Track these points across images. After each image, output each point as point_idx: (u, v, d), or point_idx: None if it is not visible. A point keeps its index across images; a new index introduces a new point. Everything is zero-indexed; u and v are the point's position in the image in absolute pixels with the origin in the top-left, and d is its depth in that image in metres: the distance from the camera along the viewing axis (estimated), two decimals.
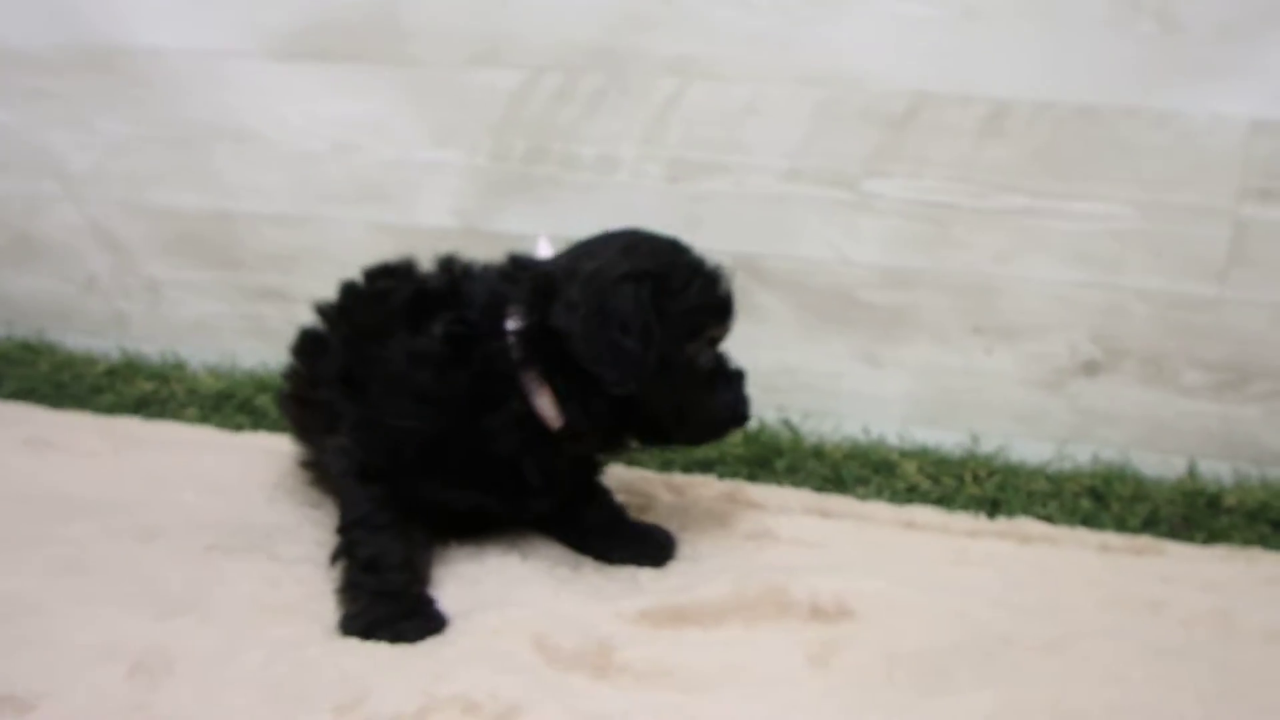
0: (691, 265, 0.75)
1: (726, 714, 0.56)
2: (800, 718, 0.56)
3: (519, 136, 1.07)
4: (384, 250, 0.83)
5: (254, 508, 0.83)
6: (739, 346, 1.09)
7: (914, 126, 1.01)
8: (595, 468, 0.82)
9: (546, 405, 0.71)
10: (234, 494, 0.85)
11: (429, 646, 0.62)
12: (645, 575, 0.75)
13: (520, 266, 0.75)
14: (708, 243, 1.09)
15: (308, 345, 0.83)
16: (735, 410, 0.77)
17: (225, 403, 1.07)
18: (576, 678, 0.60)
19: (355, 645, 0.62)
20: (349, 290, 0.81)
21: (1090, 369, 1.04)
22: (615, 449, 0.79)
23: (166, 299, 1.19)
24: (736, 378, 0.78)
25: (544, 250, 0.78)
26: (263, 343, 1.16)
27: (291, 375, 0.84)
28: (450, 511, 0.74)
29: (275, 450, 0.93)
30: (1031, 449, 1.05)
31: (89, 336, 1.21)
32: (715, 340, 0.77)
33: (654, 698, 0.58)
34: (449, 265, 0.80)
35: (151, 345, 1.19)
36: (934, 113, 1.00)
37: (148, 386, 1.08)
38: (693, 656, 0.62)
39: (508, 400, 0.71)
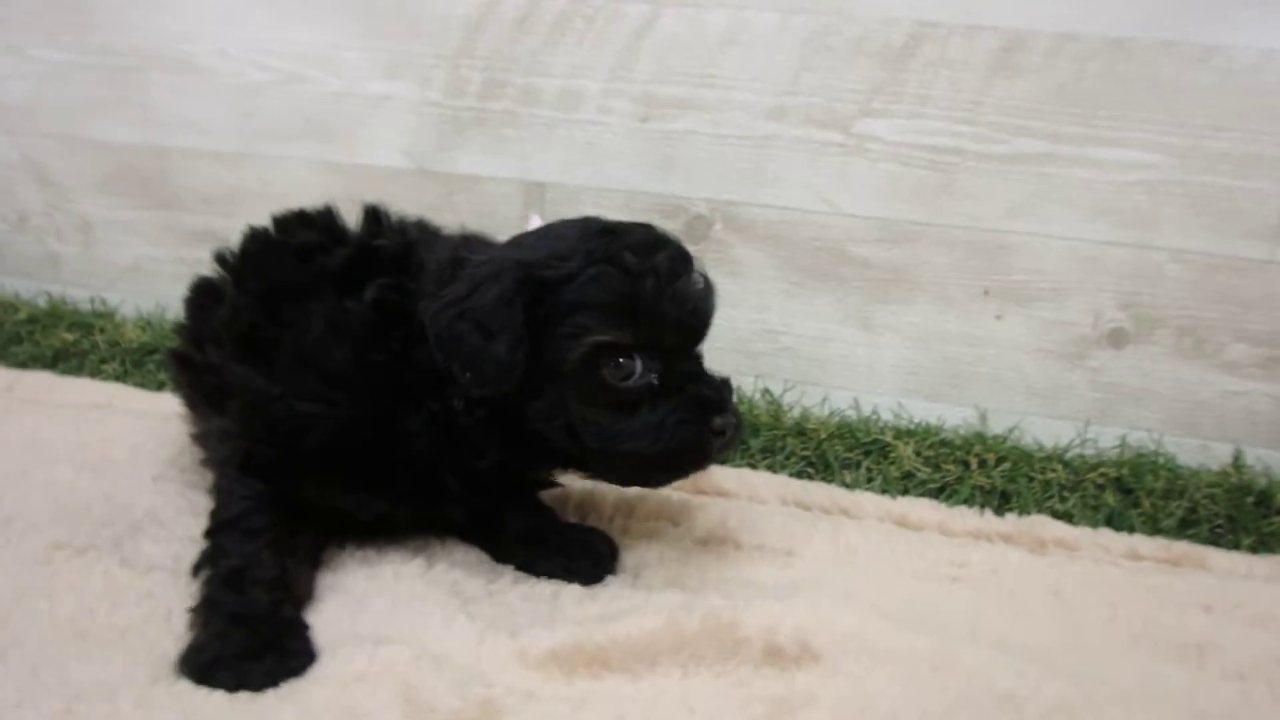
0: (595, 255, 0.60)
1: None
2: None
3: (475, 68, 0.99)
4: (331, 191, 0.76)
5: (135, 488, 0.74)
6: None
7: (914, 60, 0.91)
8: (532, 484, 0.71)
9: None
10: (118, 471, 0.76)
11: (271, 699, 0.51)
12: (569, 595, 0.64)
13: (469, 247, 0.64)
14: (682, 189, 1.01)
15: (202, 297, 0.73)
16: (655, 442, 0.60)
17: (148, 358, 1.00)
18: None
19: (180, 693, 0.51)
20: (259, 238, 0.71)
21: (1117, 339, 0.93)
22: (536, 469, 0.68)
23: (100, 240, 1.13)
24: (690, 404, 0.61)
25: (533, 225, 0.68)
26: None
27: (181, 331, 0.75)
28: (345, 517, 0.65)
29: (184, 416, 0.85)
30: (1048, 430, 0.93)
31: (19, 278, 1.15)
32: (620, 350, 0.60)
33: None
34: (375, 217, 0.70)
35: (82, 289, 1.13)
36: (938, 44, 0.90)
37: (69, 337, 1.01)
38: (610, 715, 0.51)
39: (429, 393, 0.61)
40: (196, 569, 0.60)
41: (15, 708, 0.48)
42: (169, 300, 1.11)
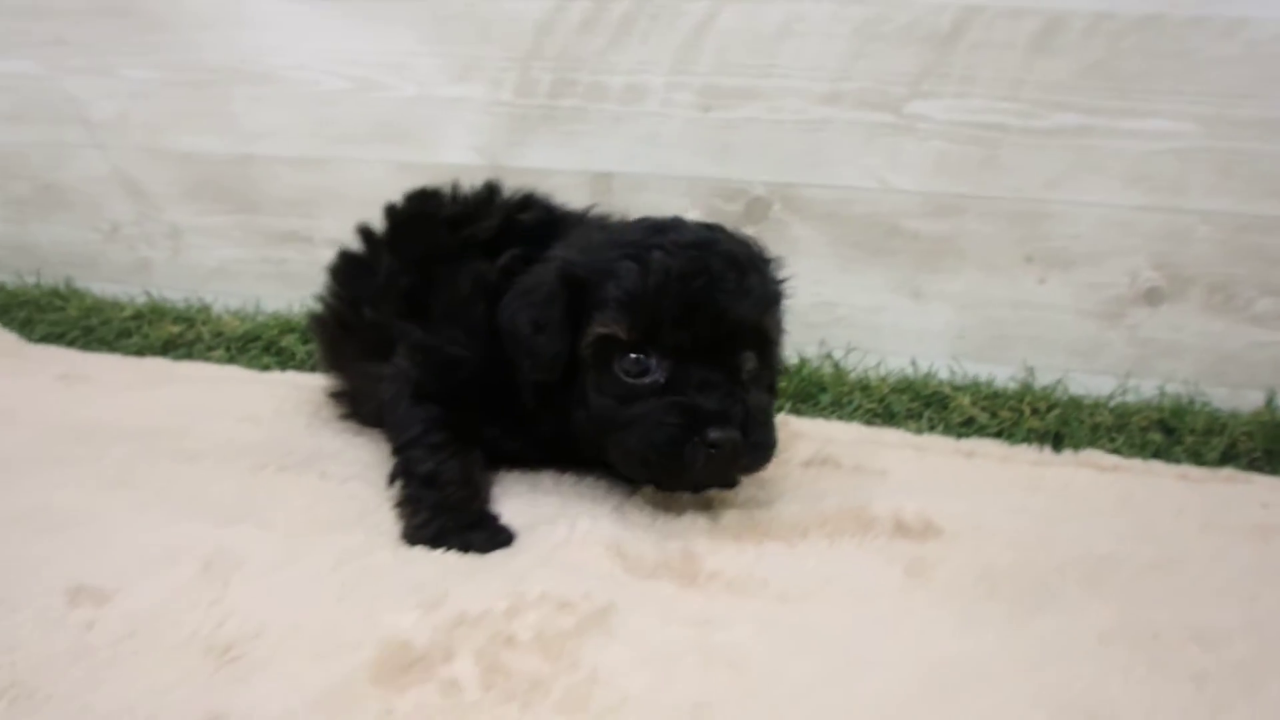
0: (631, 251, 0.63)
1: (834, 624, 0.54)
2: (912, 629, 0.53)
3: (545, 69, 1.06)
4: (406, 190, 0.83)
5: (294, 434, 0.83)
6: None
7: (961, 43, 0.97)
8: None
9: None
10: (272, 422, 0.85)
11: (500, 557, 0.61)
12: (709, 494, 0.72)
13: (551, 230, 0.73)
14: (743, 173, 1.08)
15: (349, 268, 0.82)
16: (646, 437, 0.62)
17: (251, 344, 1.08)
18: (664, 585, 0.58)
19: (424, 554, 0.61)
20: (401, 213, 0.80)
21: (1152, 298, 1.01)
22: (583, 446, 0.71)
23: (188, 245, 1.21)
24: (679, 409, 0.61)
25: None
26: (285, 286, 1.17)
27: (329, 298, 0.84)
28: (494, 448, 0.73)
29: (306, 386, 0.94)
30: (1091, 383, 1.01)
31: (113, 284, 1.23)
32: (626, 345, 0.62)
33: (754, 606, 0.56)
34: (490, 189, 0.80)
35: (175, 292, 1.21)
36: (982, 28, 0.97)
37: (174, 329, 1.09)
38: (783, 568, 0.60)
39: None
40: (392, 478, 0.68)
41: (296, 559, 0.58)
42: (258, 297, 1.19)
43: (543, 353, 0.65)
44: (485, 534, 0.62)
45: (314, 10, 1.09)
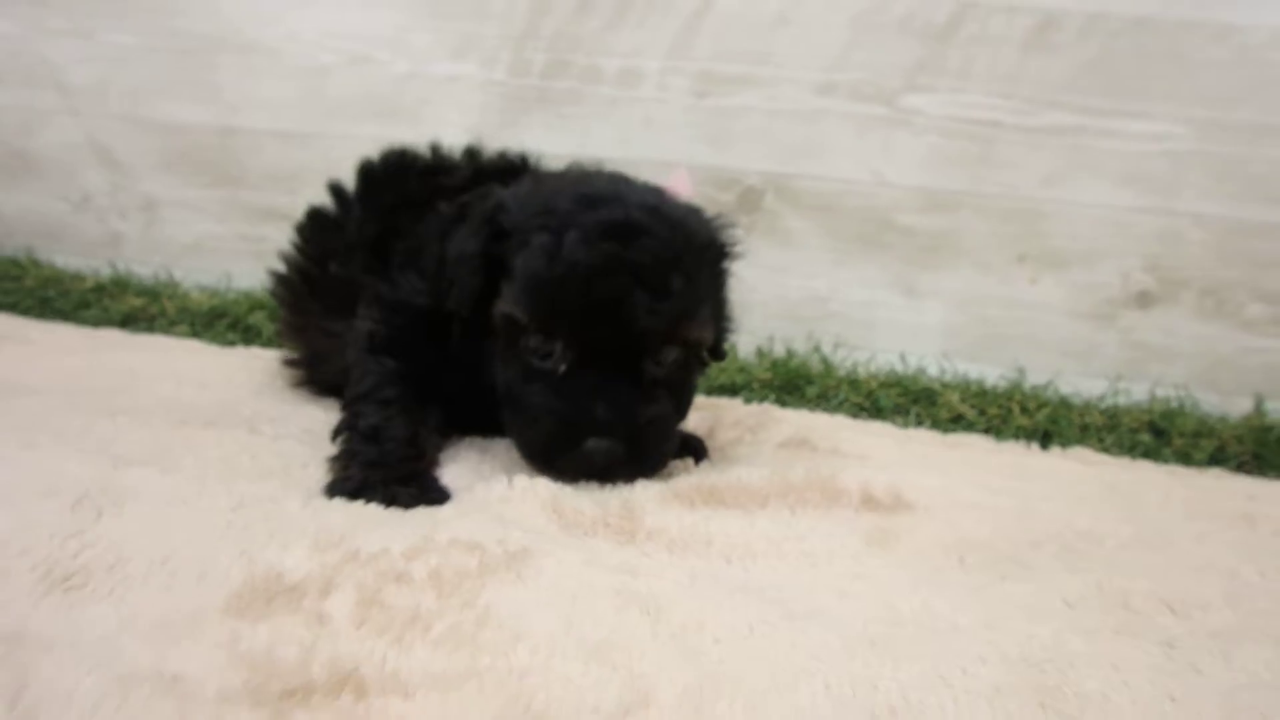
0: (554, 224, 0.60)
1: (778, 582, 0.50)
2: (866, 590, 0.49)
3: (539, 49, 1.07)
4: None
5: (237, 398, 0.79)
6: (765, 272, 1.09)
7: (957, 38, 1.00)
8: None
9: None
10: (218, 388, 0.81)
11: (425, 510, 0.56)
12: (671, 468, 0.67)
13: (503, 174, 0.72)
14: (736, 161, 1.09)
15: (317, 224, 0.82)
16: (530, 429, 0.62)
17: (217, 320, 1.06)
18: (599, 542, 0.54)
19: (341, 505, 0.55)
20: (374, 167, 0.80)
21: (1144, 300, 1.02)
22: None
23: (162, 219, 1.19)
24: (562, 409, 0.60)
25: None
26: (262, 264, 1.13)
27: (295, 256, 0.83)
28: (456, 401, 0.70)
29: (267, 358, 0.92)
30: (1082, 385, 1.02)
31: (80, 257, 1.20)
32: (526, 327, 0.61)
33: (691, 562, 0.51)
34: (471, 152, 0.79)
35: (144, 267, 1.18)
36: (978, 23, 0.99)
37: (136, 303, 1.07)
38: (733, 530, 0.56)
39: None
40: (336, 433, 0.65)
41: (195, 499, 0.53)
42: (231, 275, 1.17)
43: (459, 284, 0.63)
44: (414, 490, 0.57)
45: None
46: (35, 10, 1.15)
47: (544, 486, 0.59)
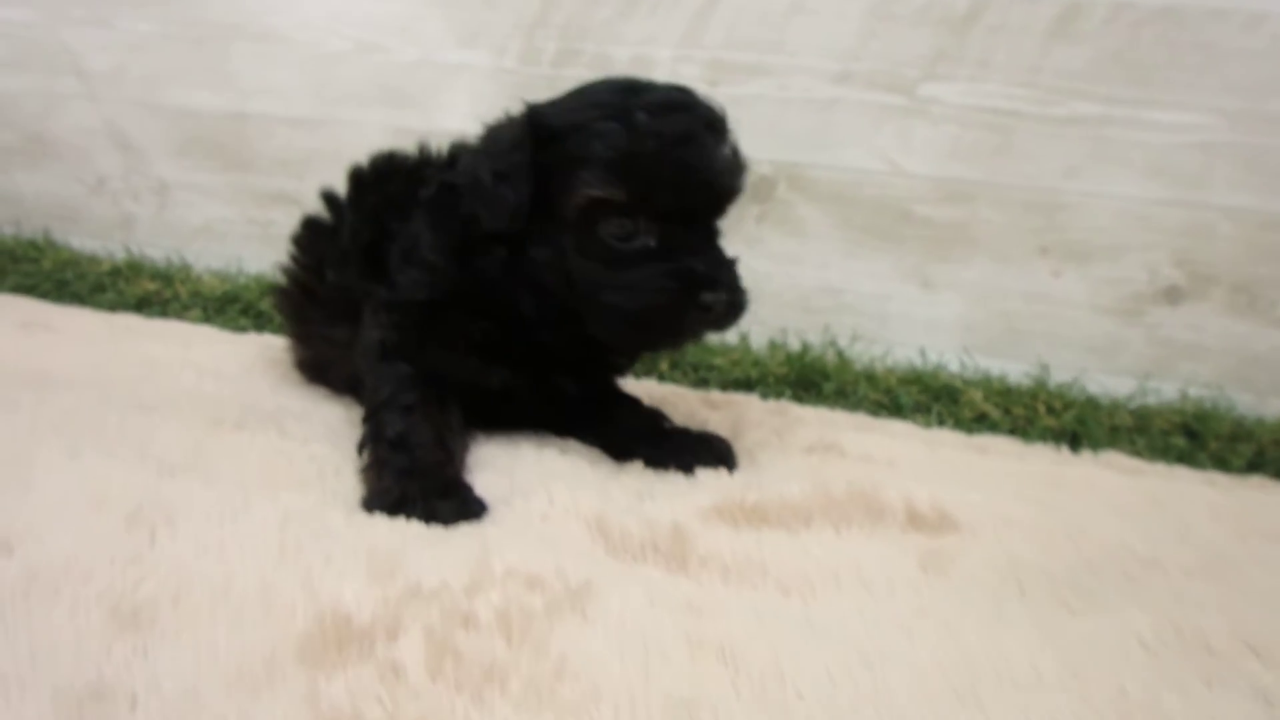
0: (606, 107, 0.62)
1: (843, 620, 0.48)
2: (932, 628, 0.48)
3: (550, 37, 1.07)
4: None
5: (258, 392, 0.80)
6: (777, 263, 1.07)
7: (976, 26, 0.98)
8: (608, 364, 0.75)
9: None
10: (238, 379, 0.83)
11: (468, 528, 0.56)
12: (703, 474, 0.67)
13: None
14: (748, 150, 1.06)
15: (312, 234, 0.81)
16: (633, 297, 0.63)
17: (229, 305, 1.07)
18: (650, 568, 0.53)
19: (383, 521, 0.56)
20: (363, 172, 0.80)
21: (1172, 296, 0.99)
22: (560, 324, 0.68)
23: (175, 201, 1.20)
24: (678, 273, 0.62)
25: None
26: (270, 248, 1.15)
27: (292, 267, 0.83)
28: (476, 394, 0.70)
29: (279, 348, 0.92)
30: (1109, 383, 0.99)
31: (95, 239, 1.22)
32: (616, 207, 0.62)
33: (751, 597, 0.50)
34: (459, 148, 0.78)
35: (156, 249, 1.20)
36: (999, 12, 0.97)
37: (151, 286, 1.08)
38: (785, 554, 0.55)
39: (494, 249, 0.66)
40: (361, 445, 0.64)
41: (241, 514, 0.53)
42: (241, 258, 1.18)
43: (503, 202, 0.62)
44: (453, 503, 0.58)
45: None
46: None
47: (585, 503, 0.59)
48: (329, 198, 0.81)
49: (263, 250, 1.16)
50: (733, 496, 0.61)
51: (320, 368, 0.82)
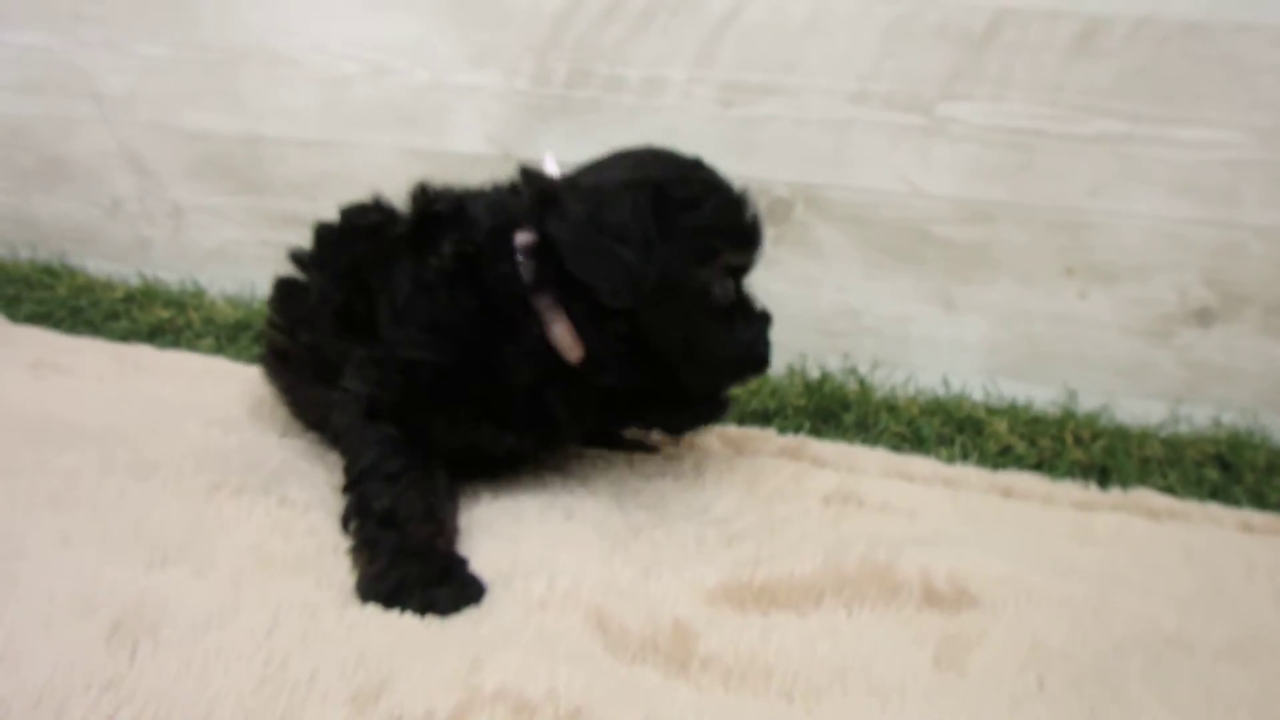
0: (708, 182, 0.72)
1: None
2: None
3: (561, 59, 1.07)
4: (415, 177, 0.81)
5: (265, 444, 0.79)
6: (795, 285, 1.06)
7: (995, 44, 0.97)
8: (623, 413, 0.76)
9: (563, 333, 0.68)
10: (244, 429, 0.82)
11: (464, 621, 0.55)
12: (713, 537, 0.67)
13: (527, 180, 0.72)
14: (763, 172, 1.07)
15: (285, 294, 0.80)
16: (752, 352, 0.73)
17: (241, 333, 1.07)
18: (650, 672, 0.51)
19: (375, 614, 0.54)
20: (328, 229, 0.79)
21: (1203, 317, 0.96)
22: (631, 384, 0.72)
23: (190, 224, 1.21)
24: (760, 319, 0.74)
25: (550, 167, 0.76)
26: (283, 271, 1.15)
27: (270, 330, 0.82)
28: (473, 455, 0.70)
29: None
30: (1138, 408, 0.96)
31: (111, 261, 1.23)
32: (735, 270, 0.72)
33: (754, 704, 0.48)
34: (424, 193, 0.77)
35: (171, 272, 1.21)
36: (1018, 29, 0.96)
37: (164, 314, 1.09)
38: (792, 650, 0.54)
39: (523, 326, 0.68)
40: (346, 520, 0.63)
41: (230, 616, 0.52)
42: (255, 281, 1.18)
43: (634, 271, 0.64)
44: (451, 589, 0.56)
45: None
46: (73, 23, 1.19)
47: (588, 590, 0.58)
48: (297, 257, 0.80)
49: (275, 272, 1.16)
50: (741, 573, 0.60)
51: (318, 427, 0.81)
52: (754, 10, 1.02)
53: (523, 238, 0.69)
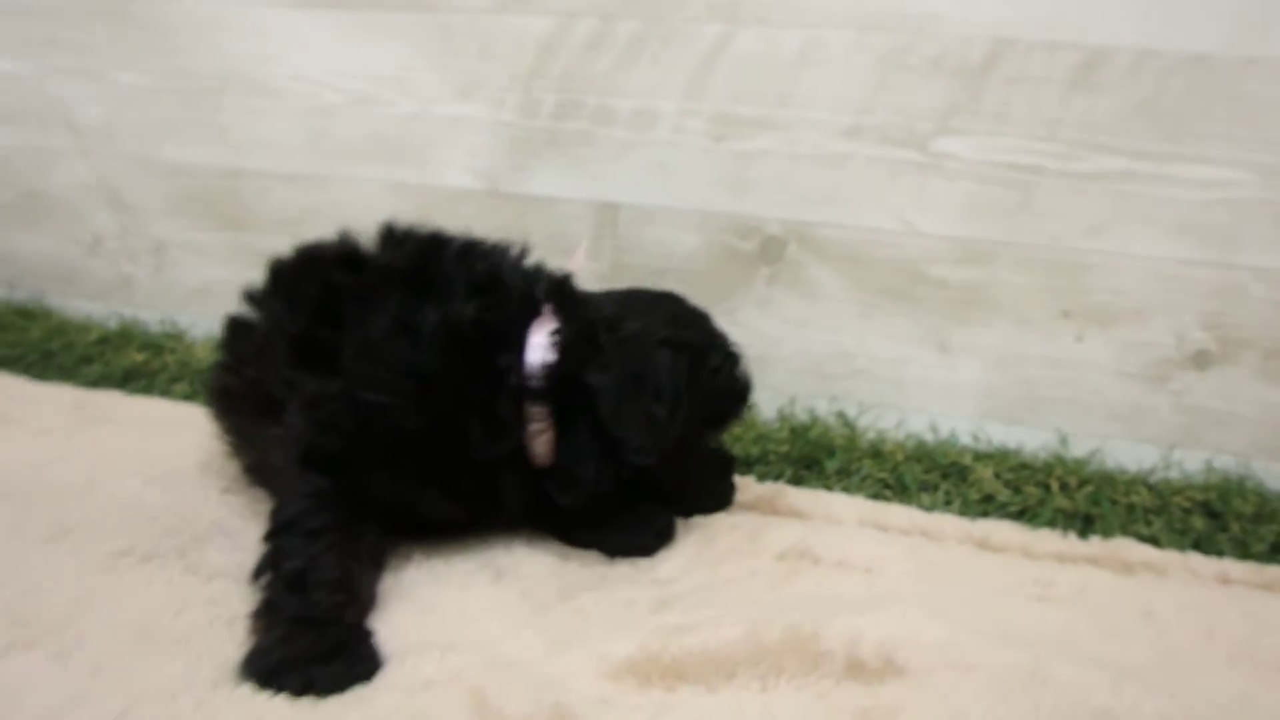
0: (725, 347, 0.78)
1: None
2: None
3: (548, 90, 1.05)
4: (401, 212, 0.80)
5: (202, 500, 0.78)
6: (788, 326, 1.05)
7: (993, 77, 0.95)
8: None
9: (541, 443, 0.69)
10: (187, 483, 0.80)
11: (335, 705, 0.52)
12: (644, 602, 0.66)
13: (564, 295, 0.72)
14: (757, 209, 1.06)
15: (235, 333, 0.78)
16: (728, 497, 0.85)
17: None
18: None
19: (243, 698, 0.52)
20: (287, 261, 0.77)
21: (1201, 361, 0.95)
22: (602, 499, 0.72)
23: (172, 262, 1.20)
24: (731, 463, 0.87)
25: (579, 259, 0.78)
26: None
27: (219, 374, 0.80)
28: (410, 516, 0.69)
29: None
30: (1131, 454, 0.96)
31: (91, 300, 1.22)
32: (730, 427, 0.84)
33: None
34: (391, 234, 0.76)
35: (153, 311, 1.20)
36: (1016, 62, 0.94)
37: (139, 358, 1.07)
38: None
39: (503, 417, 0.67)
40: (257, 573, 0.61)
41: (78, 704, 0.50)
42: None
43: (666, 434, 0.68)
44: (338, 667, 0.54)
45: (311, 20, 1.09)
46: (47, 50, 1.17)
47: (478, 668, 0.56)
48: (249, 295, 0.78)
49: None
50: (654, 644, 0.59)
51: (257, 470, 0.79)
52: (745, 40, 0.99)
53: (545, 352, 0.68)
